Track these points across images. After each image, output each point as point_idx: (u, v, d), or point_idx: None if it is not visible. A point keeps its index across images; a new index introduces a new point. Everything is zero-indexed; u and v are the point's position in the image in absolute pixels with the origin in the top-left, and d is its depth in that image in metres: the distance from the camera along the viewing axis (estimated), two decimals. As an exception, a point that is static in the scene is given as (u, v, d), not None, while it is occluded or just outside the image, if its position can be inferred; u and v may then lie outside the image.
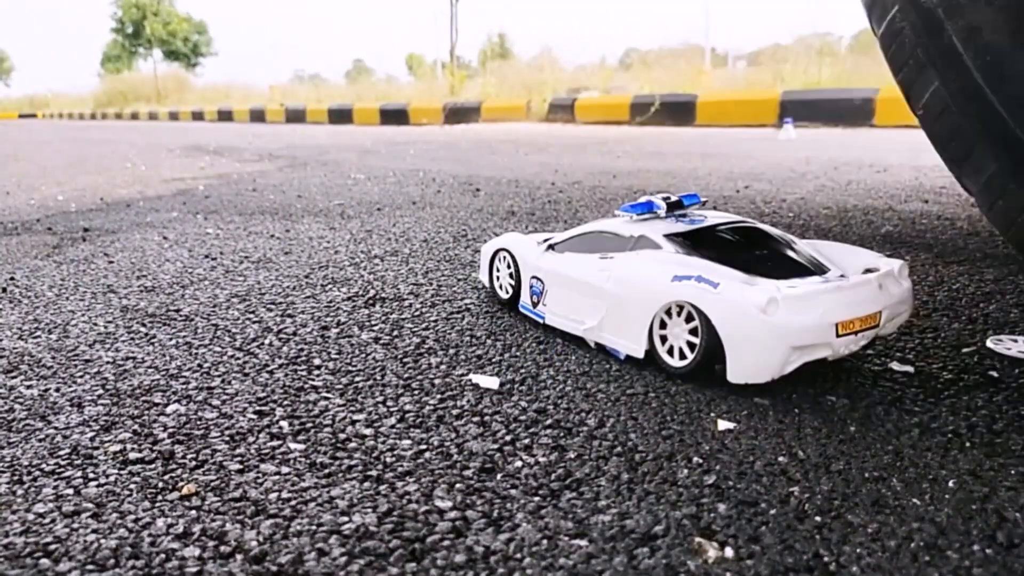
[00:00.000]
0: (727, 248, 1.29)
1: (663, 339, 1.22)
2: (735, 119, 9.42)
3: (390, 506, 0.85)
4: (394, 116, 14.15)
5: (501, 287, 1.64)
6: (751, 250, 1.28)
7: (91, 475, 0.93)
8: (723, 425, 1.04)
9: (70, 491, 0.89)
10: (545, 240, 1.56)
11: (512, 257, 1.58)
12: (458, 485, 0.89)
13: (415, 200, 3.48)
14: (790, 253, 1.28)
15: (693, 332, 1.16)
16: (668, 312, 1.20)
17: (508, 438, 1.02)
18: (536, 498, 0.86)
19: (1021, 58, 1.36)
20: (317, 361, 1.33)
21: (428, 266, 2.09)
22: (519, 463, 0.95)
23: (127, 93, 28.40)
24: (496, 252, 1.65)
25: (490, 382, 1.21)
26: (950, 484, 0.88)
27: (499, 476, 0.92)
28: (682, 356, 1.18)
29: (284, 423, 1.07)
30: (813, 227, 2.58)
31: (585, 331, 1.35)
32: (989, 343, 1.36)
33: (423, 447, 0.99)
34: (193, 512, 0.84)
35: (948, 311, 1.57)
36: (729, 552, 0.76)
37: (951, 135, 1.59)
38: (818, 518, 0.81)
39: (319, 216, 3.06)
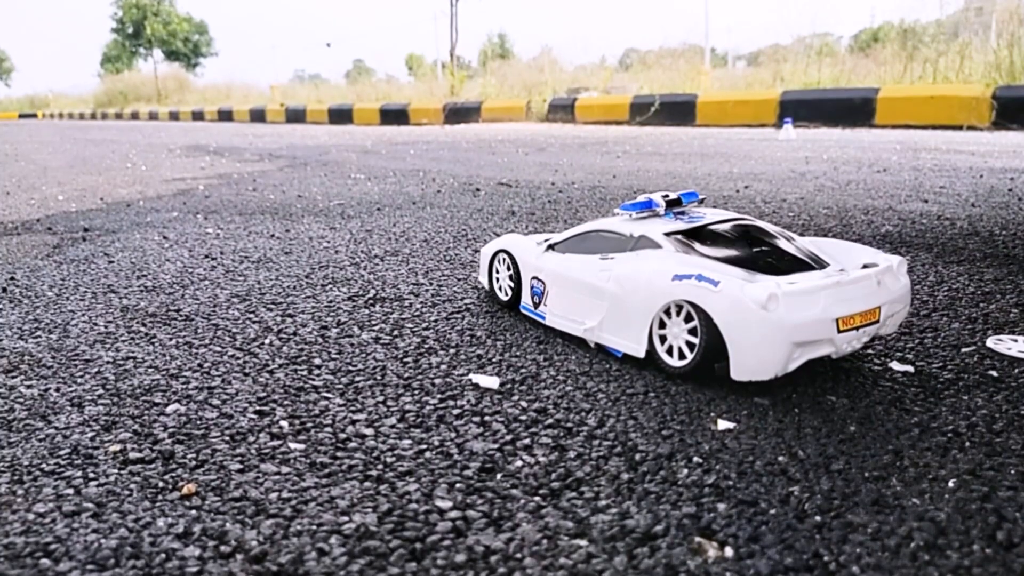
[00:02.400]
0: (726, 244, 1.29)
1: (662, 339, 1.22)
2: (735, 119, 9.43)
3: (390, 506, 0.85)
4: (394, 116, 14.16)
5: (501, 289, 1.64)
6: (750, 246, 1.29)
7: (91, 475, 0.93)
8: (723, 425, 1.04)
9: (70, 491, 0.89)
10: (545, 240, 1.56)
11: (512, 258, 1.58)
12: (458, 485, 0.90)
13: (415, 200, 3.48)
14: (789, 248, 1.28)
15: (692, 332, 1.16)
16: (667, 312, 1.20)
17: (508, 438, 1.02)
18: (536, 498, 0.86)
19: None
20: (317, 361, 1.33)
21: (428, 266, 2.09)
22: (519, 463, 0.95)
23: (127, 93, 28.41)
24: (496, 254, 1.65)
25: (490, 382, 1.21)
26: (950, 484, 0.88)
27: (499, 476, 0.92)
28: (681, 356, 1.19)
29: (284, 423, 1.07)
30: (813, 227, 2.58)
31: (585, 331, 1.35)
32: (989, 343, 1.36)
33: (423, 447, 0.99)
34: (193, 512, 0.84)
35: (948, 311, 1.57)
36: (729, 552, 0.76)
37: None
38: (818, 518, 0.81)
39: (319, 216, 3.06)
